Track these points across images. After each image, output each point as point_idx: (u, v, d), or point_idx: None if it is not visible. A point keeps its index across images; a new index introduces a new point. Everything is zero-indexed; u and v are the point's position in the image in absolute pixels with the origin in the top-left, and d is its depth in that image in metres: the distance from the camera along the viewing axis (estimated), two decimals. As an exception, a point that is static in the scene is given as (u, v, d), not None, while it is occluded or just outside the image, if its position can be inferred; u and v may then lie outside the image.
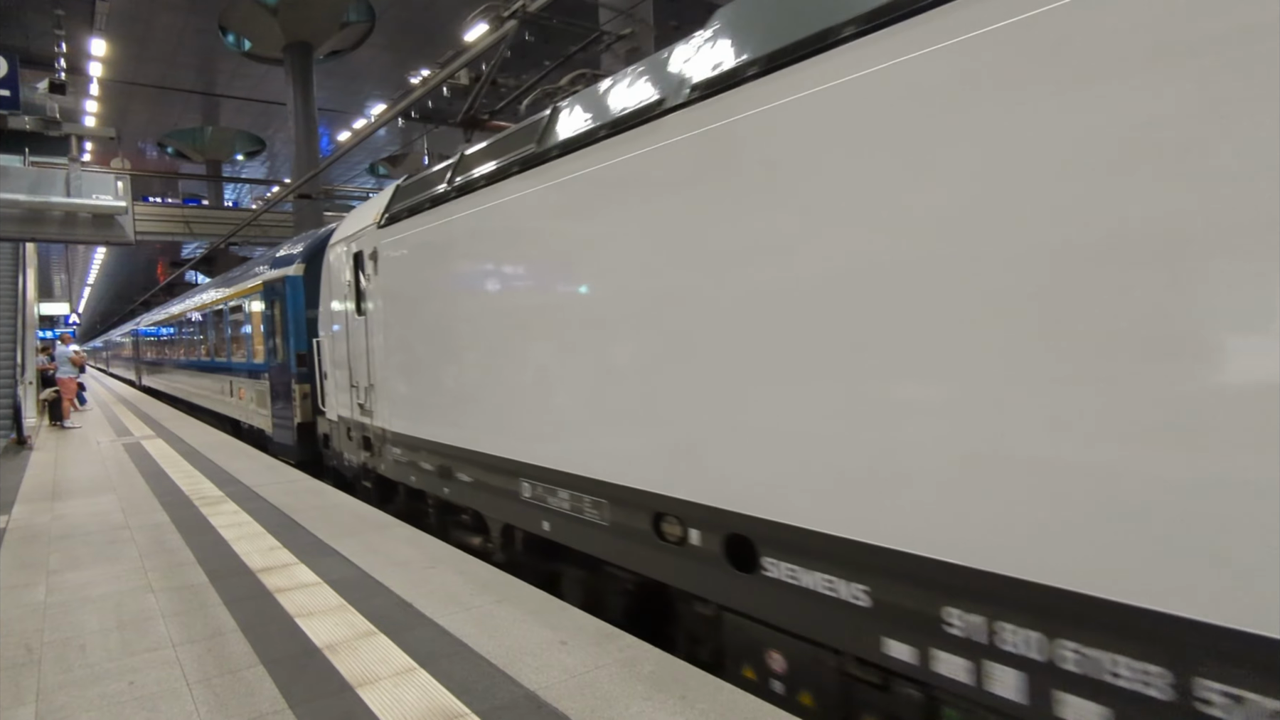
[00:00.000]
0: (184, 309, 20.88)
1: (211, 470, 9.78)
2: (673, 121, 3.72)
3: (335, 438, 8.89)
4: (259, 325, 12.03)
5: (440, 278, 6.23)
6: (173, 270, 41.55)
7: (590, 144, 4.31)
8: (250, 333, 12.80)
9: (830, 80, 2.89)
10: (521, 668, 3.55)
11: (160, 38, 27.26)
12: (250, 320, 12.74)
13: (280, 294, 10.92)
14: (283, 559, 5.58)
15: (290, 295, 10.64)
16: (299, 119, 27.96)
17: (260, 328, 11.91)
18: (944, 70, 2.47)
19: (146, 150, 41.56)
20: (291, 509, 7.22)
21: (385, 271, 7.15)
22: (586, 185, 4.37)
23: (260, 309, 11.81)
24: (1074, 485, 2.17)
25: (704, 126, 3.52)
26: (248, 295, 12.88)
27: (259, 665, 3.72)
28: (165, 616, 4.49)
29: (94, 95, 30.50)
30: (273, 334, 11.20)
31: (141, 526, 6.82)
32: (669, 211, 3.75)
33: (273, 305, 11.17)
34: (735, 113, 3.34)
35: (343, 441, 8.57)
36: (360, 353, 7.69)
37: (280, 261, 11.42)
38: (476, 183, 5.55)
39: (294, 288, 10.60)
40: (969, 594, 2.44)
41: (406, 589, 4.76)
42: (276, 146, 41.26)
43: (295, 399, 10.35)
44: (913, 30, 2.57)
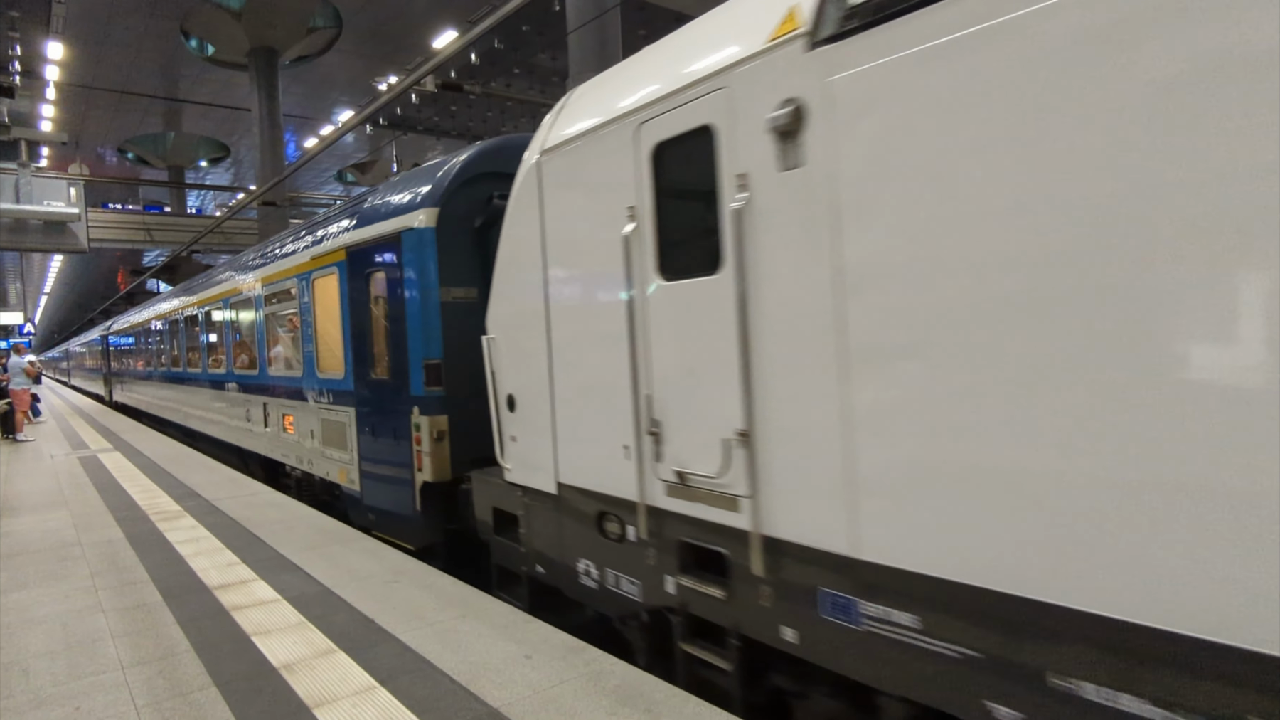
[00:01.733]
0: (181, 304, 15.25)
1: (170, 484, 9.52)
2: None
3: (536, 524, 4.77)
4: (327, 319, 7.73)
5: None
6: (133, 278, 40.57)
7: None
8: (309, 331, 8.16)
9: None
10: (484, 684, 3.47)
11: (120, 41, 26.65)
12: (311, 312, 8.11)
13: (386, 264, 6.45)
14: (241, 575, 5.42)
15: (410, 264, 6.09)
16: (264, 125, 27.50)
17: (331, 323, 7.60)
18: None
19: (106, 156, 40.57)
20: (252, 523, 7.05)
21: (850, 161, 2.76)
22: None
23: (335, 292, 7.40)
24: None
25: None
26: (304, 273, 8.24)
27: (212, 687, 3.59)
28: (115, 637, 4.33)
29: (50, 99, 29.74)
30: (365, 332, 6.84)
31: (94, 543, 6.60)
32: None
33: (363, 284, 6.87)
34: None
35: (571, 535, 4.44)
36: (687, 360, 3.54)
37: (378, 213, 6.73)
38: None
39: (417, 251, 6.05)
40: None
41: (368, 604, 4.65)
42: (242, 153, 40.54)
43: (421, 440, 6.01)
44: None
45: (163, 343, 17.54)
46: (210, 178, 45.95)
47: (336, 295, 7.36)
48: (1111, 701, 2.10)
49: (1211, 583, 1.91)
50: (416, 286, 6.04)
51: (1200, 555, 1.93)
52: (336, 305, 7.37)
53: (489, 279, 5.18)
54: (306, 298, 8.19)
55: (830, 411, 2.83)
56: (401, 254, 6.16)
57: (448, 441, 5.97)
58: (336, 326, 7.43)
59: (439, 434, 5.94)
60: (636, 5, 19.29)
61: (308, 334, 8.22)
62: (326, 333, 7.82)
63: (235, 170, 44.74)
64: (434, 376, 5.98)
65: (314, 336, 8.05)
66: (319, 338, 7.98)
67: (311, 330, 8.12)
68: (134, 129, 36.78)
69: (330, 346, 7.73)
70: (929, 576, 2.54)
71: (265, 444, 10.06)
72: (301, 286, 8.34)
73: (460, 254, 6.07)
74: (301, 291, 8.33)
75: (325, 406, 7.83)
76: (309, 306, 8.15)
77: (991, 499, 2.35)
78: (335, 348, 7.53)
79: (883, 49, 2.60)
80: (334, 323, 7.52)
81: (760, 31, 3.11)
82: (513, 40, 24.77)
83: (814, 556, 2.93)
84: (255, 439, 10.52)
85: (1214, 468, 1.90)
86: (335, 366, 7.56)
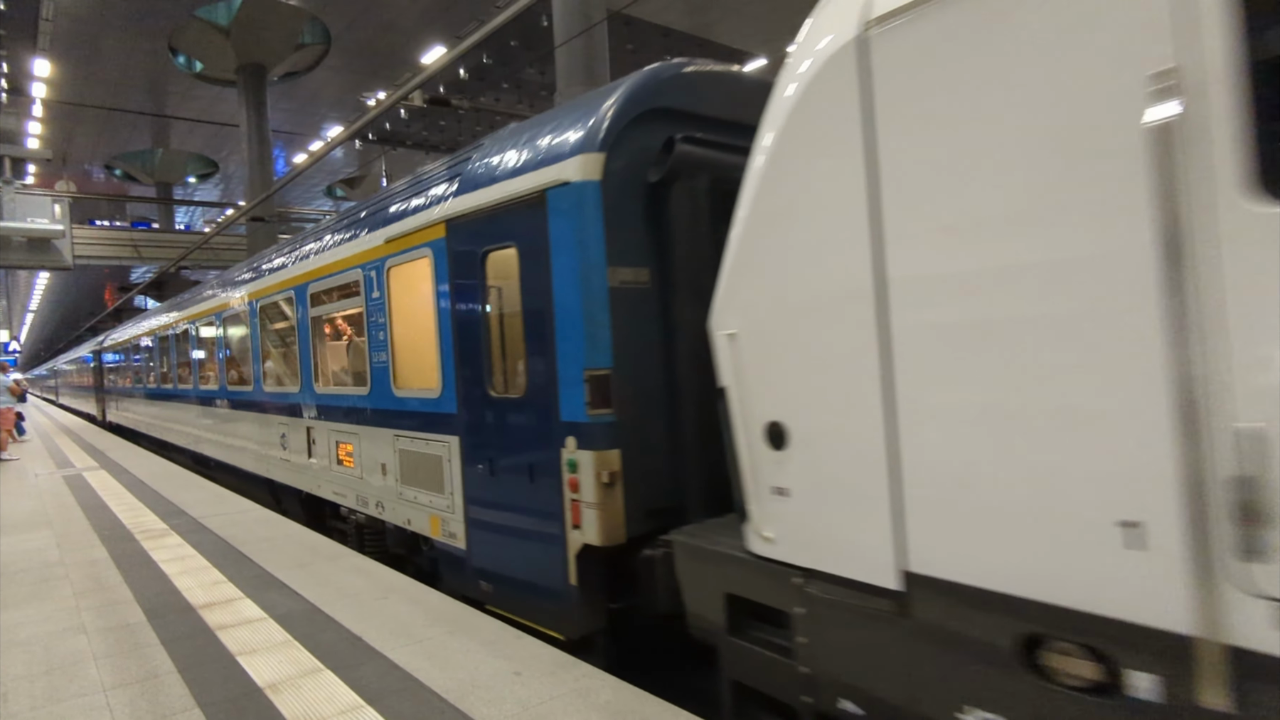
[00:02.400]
0: (190, 313, 13.09)
1: (156, 502, 9.42)
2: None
3: (838, 633, 2.93)
4: (411, 319, 6.07)
5: None
6: (121, 295, 40.30)
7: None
8: (381, 335, 6.39)
9: None
10: (474, 702, 3.43)
11: (108, 59, 26.60)
12: (384, 310, 6.32)
13: (518, 236, 4.68)
14: (227, 594, 5.35)
15: (561, 234, 4.35)
16: (252, 141, 27.47)
17: (418, 324, 5.90)
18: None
19: (94, 173, 40.42)
20: (239, 541, 6.97)
21: None
22: None
23: (426, 282, 5.60)
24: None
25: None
26: (372, 262, 6.43)
27: (195, 709, 3.53)
28: (98, 659, 4.26)
29: (37, 117, 29.64)
30: (479, 334, 5.06)
31: (77, 563, 6.51)
32: None
33: (474, 268, 5.05)
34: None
35: (943, 666, 2.57)
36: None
37: (499, 170, 4.90)
38: None
39: (571, 216, 4.29)
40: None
41: (356, 622, 4.60)
42: (230, 169, 40.46)
43: (581, 484, 4.24)
44: None
45: (168, 356, 15.38)
46: (199, 194, 45.83)
47: (429, 286, 5.50)
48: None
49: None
50: (571, 267, 4.20)
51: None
52: (429, 299, 5.52)
53: (664, 256, 4.23)
54: (377, 293, 6.39)
55: None
56: (546, 220, 4.35)
57: (621, 488, 4.13)
58: (429, 328, 5.56)
59: (609, 477, 4.09)
60: (623, 20, 19.42)
61: (378, 340, 6.42)
62: (409, 337, 6.11)
63: (224, 186, 44.65)
64: (600, 394, 4.15)
65: (389, 342, 6.26)
66: (396, 344, 6.22)
67: (385, 334, 6.32)
68: (122, 145, 36.69)
69: (416, 355, 5.97)
70: None
71: (308, 478, 8.11)
72: (368, 279, 6.50)
73: (630, 221, 4.27)
74: (368, 286, 6.52)
75: (409, 434, 5.97)
76: (381, 304, 6.34)
77: None
78: (426, 356, 5.72)
79: None
80: (422, 323, 5.71)
81: None
82: (501, 55, 24.90)
83: None
84: (293, 471, 8.58)
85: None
86: (426, 381, 5.76)
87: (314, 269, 7.70)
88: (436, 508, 5.61)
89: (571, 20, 11.92)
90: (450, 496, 5.41)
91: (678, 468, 4.20)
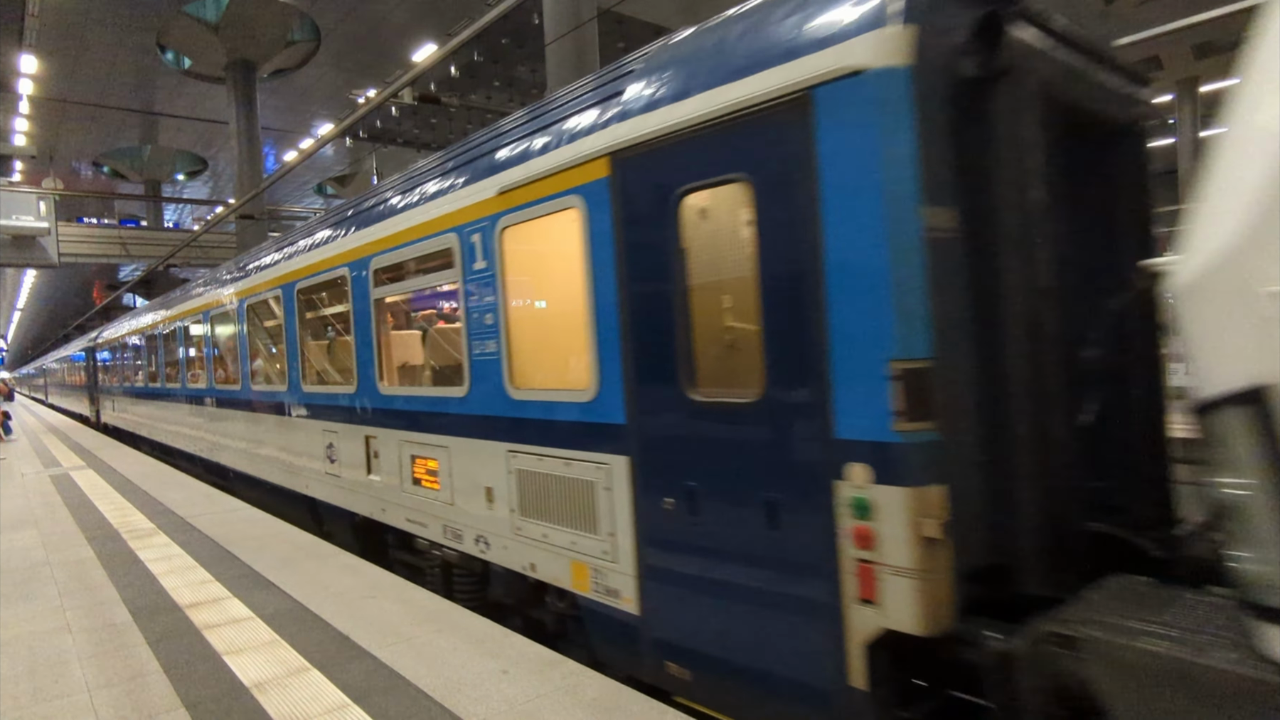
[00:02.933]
0: (201, 303, 11.40)
1: (144, 501, 9.36)
2: None
3: None
4: (539, 291, 5.15)
5: None
6: (109, 293, 40.04)
7: None
8: (486, 317, 4.97)
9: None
10: (460, 699, 3.43)
11: (95, 55, 26.38)
12: (497, 284, 4.86)
13: (753, 164, 3.24)
14: (214, 593, 5.33)
15: (839, 154, 2.92)
16: (242, 139, 27.31)
17: (552, 299, 5.10)
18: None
19: (81, 170, 40.11)
20: (226, 540, 6.94)
21: None
22: None
23: (574, 242, 4.21)
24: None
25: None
26: (478, 222, 5.00)
27: (180, 708, 3.52)
28: (82, 659, 4.24)
29: (24, 113, 29.38)
30: (666, 311, 3.68)
31: (63, 563, 6.47)
32: None
33: (661, 218, 3.67)
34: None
35: None
36: None
37: (707, 70, 3.49)
38: None
39: (862, 125, 2.86)
40: None
41: (344, 621, 4.59)
42: (220, 166, 40.23)
43: (879, 538, 2.83)
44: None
45: (176, 351, 13.55)
46: (188, 191, 45.55)
47: (577, 247, 4.13)
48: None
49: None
50: (864, 204, 2.85)
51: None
52: (575, 265, 4.16)
53: (979, 192, 2.94)
54: (482, 263, 4.87)
55: None
56: (812, 135, 2.99)
57: (949, 545, 2.77)
58: (574, 305, 4.23)
59: (936, 529, 2.75)
60: (615, 18, 19.40)
61: (483, 324, 4.90)
62: (535, 319, 4.95)
63: (214, 183, 44.39)
64: (918, 400, 2.80)
65: (501, 327, 4.76)
66: (512, 329, 4.74)
67: (495, 317, 4.80)
68: (110, 142, 36.43)
69: (548, 343, 4.91)
70: None
71: (367, 499, 6.59)
72: (468, 247, 4.99)
73: (940, 138, 2.91)
74: (467, 255, 4.99)
75: (534, 450, 4.53)
76: (489, 277, 4.82)
77: None
78: (567, 344, 4.59)
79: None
80: (561, 300, 4.58)
81: None
82: (492, 53, 24.85)
83: None
84: (343, 489, 7.05)
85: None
86: (567, 379, 4.68)
87: (377, 239, 6.16)
88: (584, 552, 4.14)
89: (562, 18, 11.90)
90: (609, 538, 3.95)
91: (1008, 506, 2.90)
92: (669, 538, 3.66)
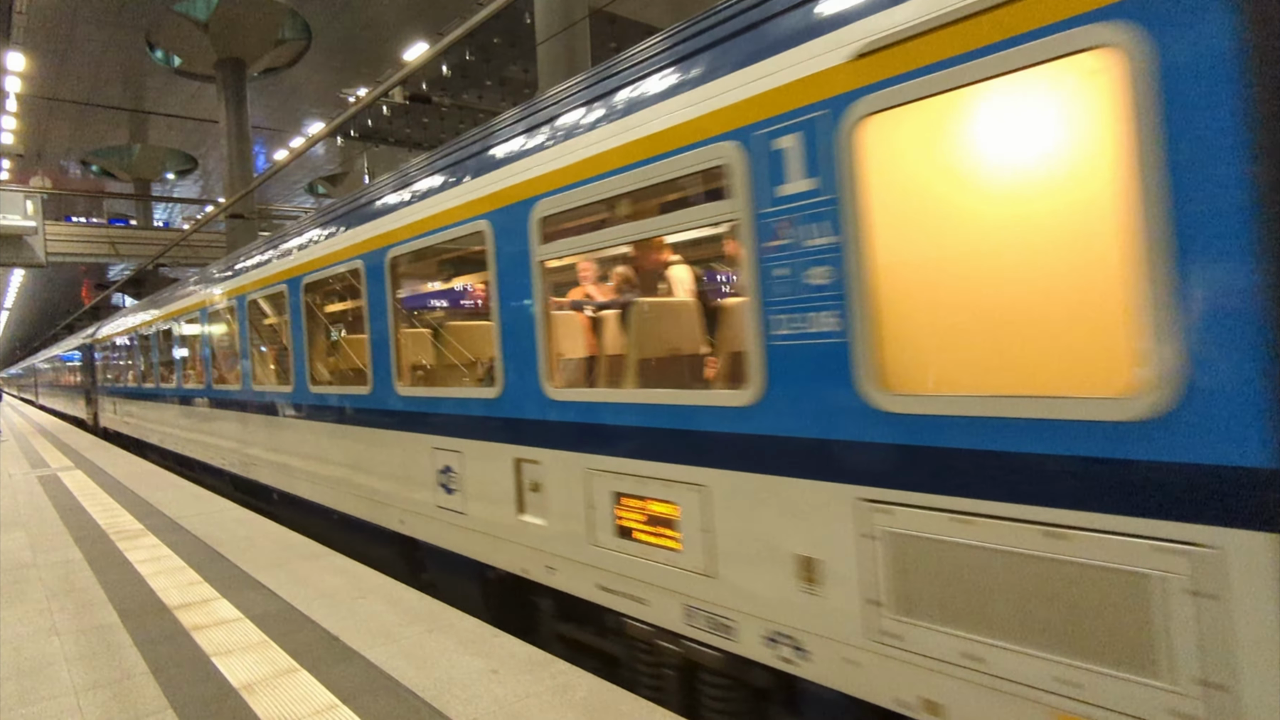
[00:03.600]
0: (239, 285, 9.27)
1: (132, 502, 9.31)
2: None
3: None
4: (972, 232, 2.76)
5: None
6: (98, 292, 39.77)
7: None
8: (825, 275, 2.85)
9: None
10: (450, 700, 3.42)
11: (83, 52, 26.23)
12: (833, 211, 2.79)
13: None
14: (202, 594, 5.31)
15: None
16: (232, 137, 27.23)
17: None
18: None
19: (69, 169, 39.87)
20: (216, 540, 6.91)
21: None
22: None
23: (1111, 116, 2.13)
24: None
25: None
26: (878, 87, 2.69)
27: (168, 710, 3.50)
28: (69, 661, 4.21)
29: (11, 111, 29.17)
30: None
31: (50, 564, 6.42)
32: None
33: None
34: None
35: None
36: None
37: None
38: None
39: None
40: None
41: (334, 622, 4.57)
42: (210, 165, 40.03)
43: None
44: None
45: (198, 346, 11.59)
46: (178, 190, 45.33)
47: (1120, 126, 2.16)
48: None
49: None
50: None
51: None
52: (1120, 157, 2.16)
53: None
54: (811, 182, 2.92)
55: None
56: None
57: None
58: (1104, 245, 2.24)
59: None
60: (607, 18, 19.40)
61: (803, 282, 2.98)
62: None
63: (204, 182, 44.20)
64: None
65: (852, 280, 2.79)
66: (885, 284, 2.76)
67: (835, 264, 2.85)
68: (99, 141, 36.23)
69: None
70: None
71: (515, 548, 4.67)
72: (813, 146, 2.91)
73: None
74: (813, 159, 2.91)
75: (956, 508, 2.54)
76: (824, 201, 2.87)
77: None
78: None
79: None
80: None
81: None
82: (484, 53, 24.80)
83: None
84: (466, 530, 5.13)
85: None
86: (1085, 371, 2.47)
87: (571, 163, 4.05)
88: (1103, 705, 2.23)
89: (554, 18, 11.90)
90: (1207, 692, 2.04)
91: None
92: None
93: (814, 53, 2.89)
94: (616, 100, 3.89)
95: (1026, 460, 2.35)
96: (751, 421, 3.19)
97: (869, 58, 2.70)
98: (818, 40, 2.89)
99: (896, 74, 2.62)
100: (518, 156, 4.52)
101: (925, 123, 2.73)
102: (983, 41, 2.38)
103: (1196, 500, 2.03)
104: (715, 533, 3.37)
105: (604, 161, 3.87)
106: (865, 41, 2.70)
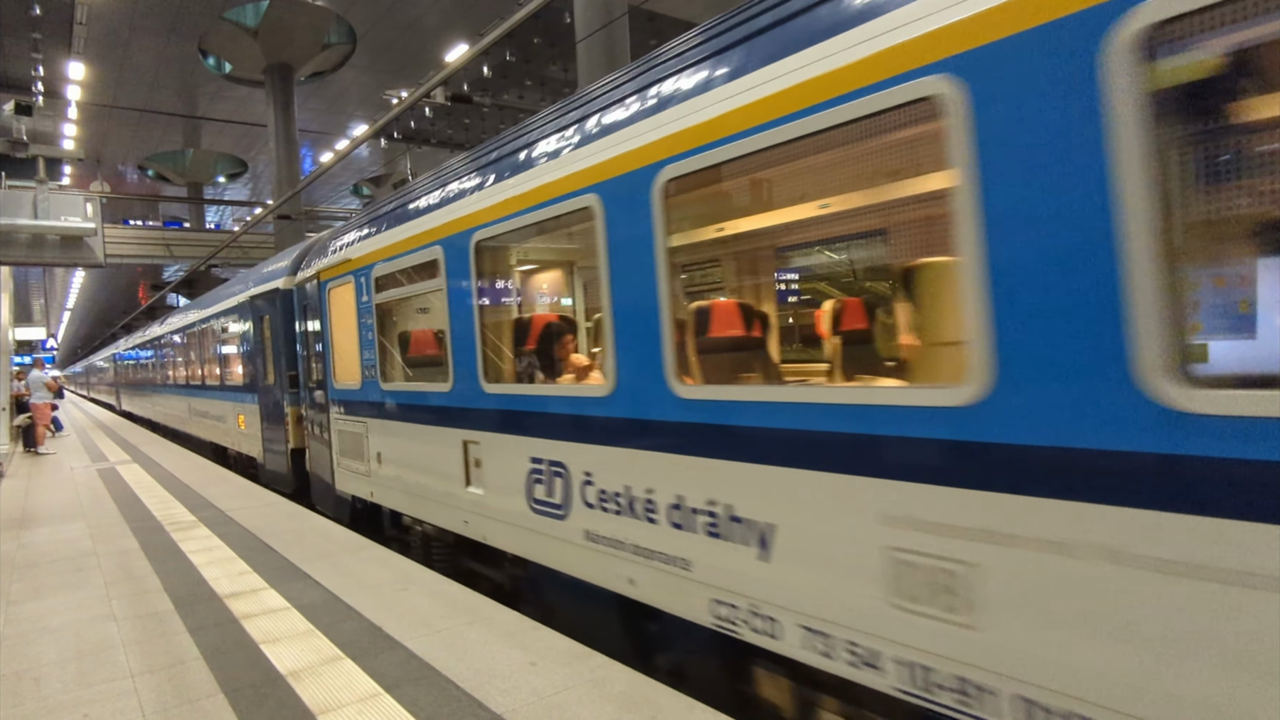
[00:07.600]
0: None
1: (186, 495, 9.61)
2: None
3: None
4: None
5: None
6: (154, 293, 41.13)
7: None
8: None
9: None
10: (489, 691, 3.46)
11: (140, 61, 27.13)
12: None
13: None
14: (252, 584, 5.45)
15: None
16: (280, 140, 27.87)
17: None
18: None
19: (127, 173, 41.28)
20: (264, 532, 7.09)
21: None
22: None
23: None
24: None
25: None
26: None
27: (219, 694, 3.60)
28: (126, 645, 4.36)
29: (72, 119, 30.31)
30: None
31: (109, 553, 6.66)
32: None
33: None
34: None
35: None
36: None
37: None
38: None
39: None
40: None
41: (377, 612, 4.66)
42: (259, 168, 41.10)
43: None
44: None
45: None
46: (229, 193, 46.60)
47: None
48: None
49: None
50: None
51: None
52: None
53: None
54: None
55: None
56: None
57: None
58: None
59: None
60: (646, 15, 19.40)
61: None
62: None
63: (253, 185, 45.36)
64: None
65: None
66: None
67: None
68: (154, 146, 37.43)
69: None
70: None
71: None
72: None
73: None
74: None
75: None
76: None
77: None
78: None
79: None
80: None
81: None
82: (524, 52, 24.99)
83: None
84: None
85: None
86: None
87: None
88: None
89: (593, 16, 11.93)
90: None
91: None
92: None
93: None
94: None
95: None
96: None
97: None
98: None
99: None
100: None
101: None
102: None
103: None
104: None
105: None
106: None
